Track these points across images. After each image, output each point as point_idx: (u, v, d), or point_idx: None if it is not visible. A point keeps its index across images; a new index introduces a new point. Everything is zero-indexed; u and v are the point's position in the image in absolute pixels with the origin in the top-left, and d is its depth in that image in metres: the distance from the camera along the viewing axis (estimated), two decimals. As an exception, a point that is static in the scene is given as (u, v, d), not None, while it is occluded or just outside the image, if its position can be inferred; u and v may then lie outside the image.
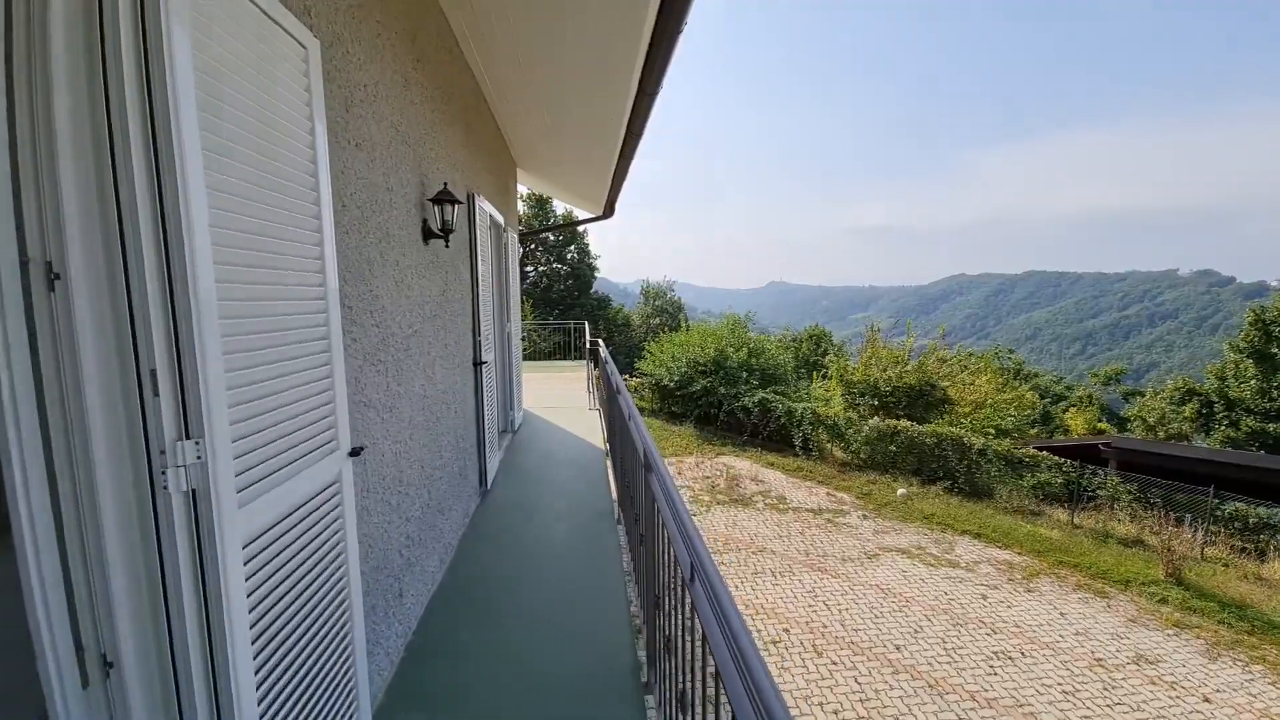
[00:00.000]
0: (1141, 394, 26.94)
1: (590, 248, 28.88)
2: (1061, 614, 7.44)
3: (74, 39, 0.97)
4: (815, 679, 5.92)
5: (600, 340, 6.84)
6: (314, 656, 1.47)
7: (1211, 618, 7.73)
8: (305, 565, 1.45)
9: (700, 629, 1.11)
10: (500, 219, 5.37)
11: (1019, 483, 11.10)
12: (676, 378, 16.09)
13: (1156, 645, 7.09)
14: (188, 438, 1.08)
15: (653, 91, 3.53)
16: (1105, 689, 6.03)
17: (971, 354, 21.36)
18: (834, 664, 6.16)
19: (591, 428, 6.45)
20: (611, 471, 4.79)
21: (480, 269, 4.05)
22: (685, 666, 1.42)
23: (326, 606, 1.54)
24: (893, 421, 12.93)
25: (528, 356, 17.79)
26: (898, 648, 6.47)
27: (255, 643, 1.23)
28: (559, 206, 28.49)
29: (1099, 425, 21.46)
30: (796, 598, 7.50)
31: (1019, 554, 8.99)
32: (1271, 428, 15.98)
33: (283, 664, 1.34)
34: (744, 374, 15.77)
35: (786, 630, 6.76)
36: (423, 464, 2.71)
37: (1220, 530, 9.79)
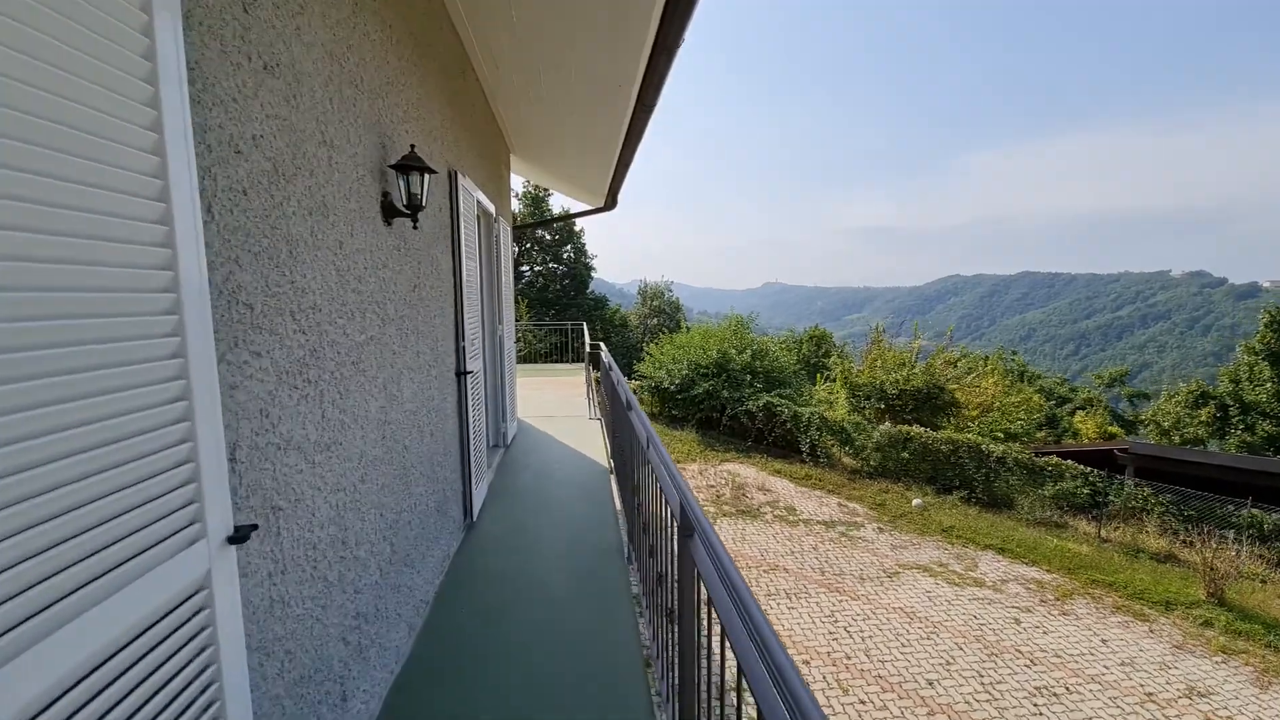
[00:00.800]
0: (1146, 396, 26.53)
1: (587, 247, 28.29)
2: (1103, 641, 6.86)
3: None
4: (843, 722, 5.33)
5: (602, 344, 6.21)
6: None
7: (1258, 641, 7.18)
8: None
9: None
10: (491, 208, 4.74)
11: (1040, 492, 10.54)
12: (678, 381, 15.47)
13: (1206, 675, 6.54)
14: None
15: (672, 46, 2.91)
16: (1163, 731, 5.46)
17: (981, 356, 20.88)
18: (862, 703, 5.56)
19: (593, 440, 5.82)
20: (619, 495, 4.16)
21: (465, 263, 3.42)
22: None
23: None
24: (905, 427, 12.36)
25: (523, 359, 17.15)
26: (930, 683, 5.87)
27: None
28: (555, 206, 27.89)
29: (1109, 429, 20.99)
30: (815, 623, 6.90)
31: (1048, 572, 8.42)
32: (1289, 432, 15.55)
33: None
34: (748, 377, 15.19)
35: (807, 662, 6.16)
36: (382, 510, 2.08)
37: (1254, 543, 9.26)
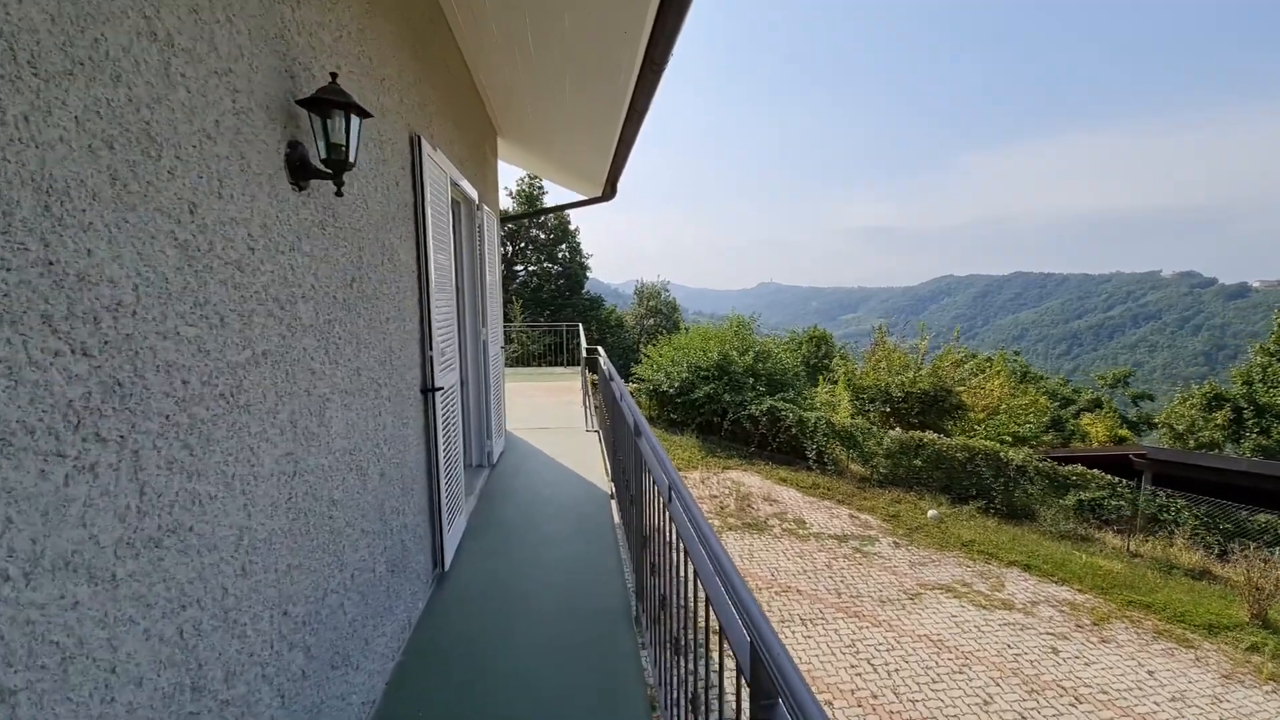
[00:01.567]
0: (1150, 397, 26.13)
1: (582, 246, 27.66)
2: (1149, 672, 6.27)
3: None
4: (874, 777, 4.70)
5: (600, 349, 5.56)
6: None
7: (1310, 668, 6.63)
8: None
9: None
10: (473, 193, 4.08)
11: (1062, 502, 9.97)
12: (677, 384, 14.84)
13: (1258, 707, 5.97)
14: None
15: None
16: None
17: (985, 357, 20.36)
18: (895, 754, 4.94)
19: (590, 457, 5.17)
20: (623, 534, 3.51)
21: (435, 255, 2.77)
22: None
23: None
24: (917, 433, 11.77)
25: (516, 360, 16.47)
26: (969, 727, 5.26)
27: None
28: (549, 203, 27.19)
29: (1119, 432, 20.49)
30: (835, 654, 6.27)
31: (1080, 592, 7.84)
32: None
33: None
34: (750, 380, 14.58)
35: (830, 702, 5.53)
36: (286, 606, 1.42)
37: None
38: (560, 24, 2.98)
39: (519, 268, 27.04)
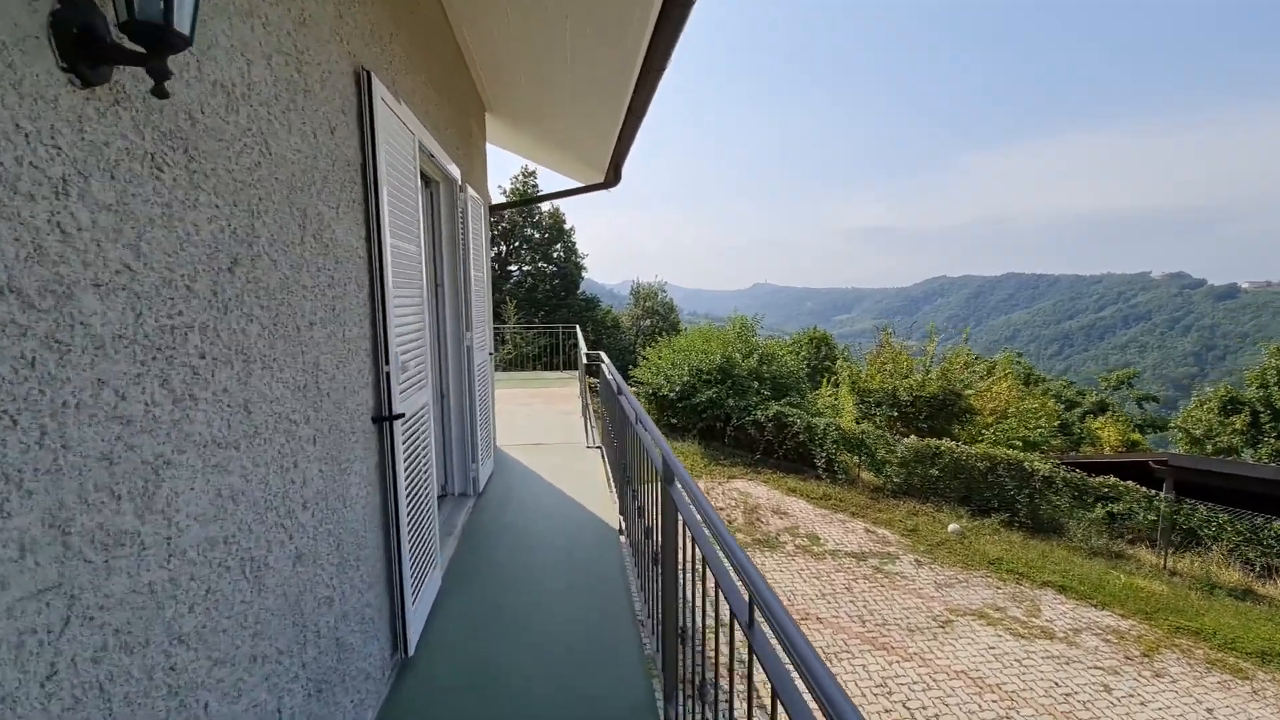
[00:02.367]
0: (1155, 399, 25.71)
1: (577, 246, 26.98)
2: (1209, 710, 5.66)
3: None
4: None
5: (603, 355, 4.87)
6: None
7: (1375, 702, 6.04)
8: None
9: None
10: (454, 170, 3.39)
11: (1092, 516, 9.37)
12: (678, 388, 14.17)
13: (1333, 750, 5.37)
14: None
15: None
16: None
17: (989, 360, 19.84)
18: (946, 823, 4.28)
19: (593, 480, 4.47)
20: (636, 587, 2.83)
21: (391, 236, 2.08)
22: None
23: None
24: (934, 441, 11.15)
25: (510, 363, 15.76)
26: (1026, 788, 4.61)
27: None
28: (545, 207, 26.45)
29: (1132, 436, 19.98)
30: (865, 695, 5.61)
31: (1123, 617, 7.22)
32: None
33: None
34: (754, 384, 13.93)
35: (865, 758, 4.86)
36: None
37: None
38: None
39: (513, 267, 26.34)
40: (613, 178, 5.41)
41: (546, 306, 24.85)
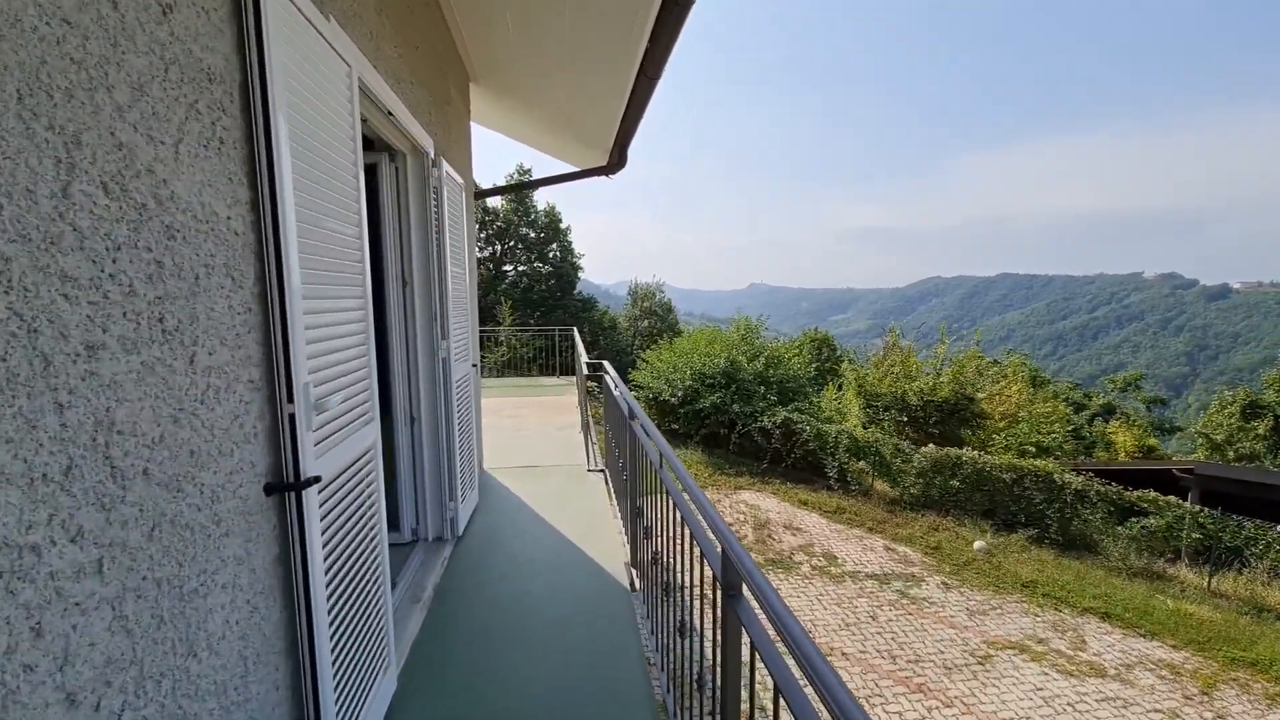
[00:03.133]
0: (1163, 401, 25.22)
1: (574, 245, 26.26)
2: (1288, 763, 5.02)
3: None
4: None
5: (607, 366, 4.16)
6: None
7: None
8: None
9: None
10: (424, 138, 2.69)
11: (1129, 533, 8.74)
12: (680, 392, 13.48)
13: None
14: None
15: None
16: None
17: (1008, 361, 19.27)
18: None
19: (597, 516, 3.76)
20: (662, 679, 2.13)
21: (292, 204, 1.38)
22: None
23: None
24: (954, 450, 10.51)
25: (505, 365, 15.02)
26: None
27: None
28: (540, 203, 25.69)
29: (1148, 441, 19.40)
30: (904, 751, 4.94)
31: (1175, 648, 6.58)
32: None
33: None
34: (760, 388, 13.27)
35: (912, 833, 4.18)
36: None
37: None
38: None
39: (508, 267, 25.61)
40: (616, 160, 4.70)
41: (543, 307, 24.14)
